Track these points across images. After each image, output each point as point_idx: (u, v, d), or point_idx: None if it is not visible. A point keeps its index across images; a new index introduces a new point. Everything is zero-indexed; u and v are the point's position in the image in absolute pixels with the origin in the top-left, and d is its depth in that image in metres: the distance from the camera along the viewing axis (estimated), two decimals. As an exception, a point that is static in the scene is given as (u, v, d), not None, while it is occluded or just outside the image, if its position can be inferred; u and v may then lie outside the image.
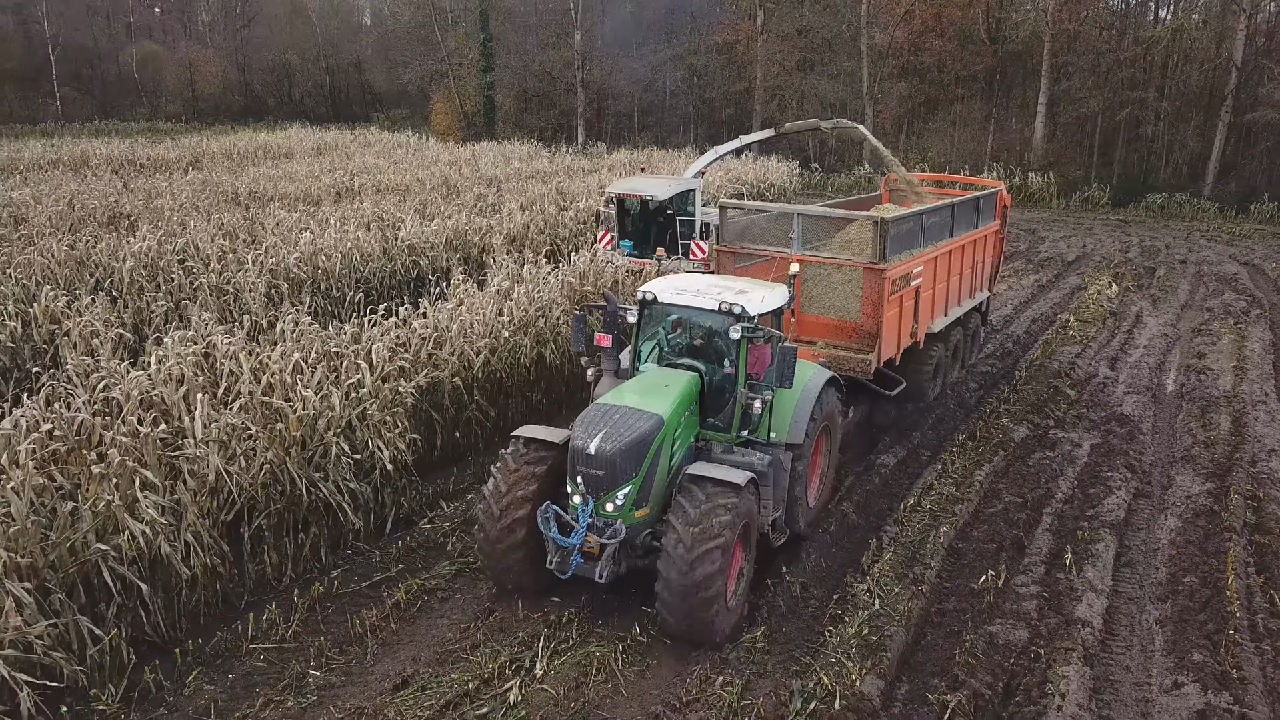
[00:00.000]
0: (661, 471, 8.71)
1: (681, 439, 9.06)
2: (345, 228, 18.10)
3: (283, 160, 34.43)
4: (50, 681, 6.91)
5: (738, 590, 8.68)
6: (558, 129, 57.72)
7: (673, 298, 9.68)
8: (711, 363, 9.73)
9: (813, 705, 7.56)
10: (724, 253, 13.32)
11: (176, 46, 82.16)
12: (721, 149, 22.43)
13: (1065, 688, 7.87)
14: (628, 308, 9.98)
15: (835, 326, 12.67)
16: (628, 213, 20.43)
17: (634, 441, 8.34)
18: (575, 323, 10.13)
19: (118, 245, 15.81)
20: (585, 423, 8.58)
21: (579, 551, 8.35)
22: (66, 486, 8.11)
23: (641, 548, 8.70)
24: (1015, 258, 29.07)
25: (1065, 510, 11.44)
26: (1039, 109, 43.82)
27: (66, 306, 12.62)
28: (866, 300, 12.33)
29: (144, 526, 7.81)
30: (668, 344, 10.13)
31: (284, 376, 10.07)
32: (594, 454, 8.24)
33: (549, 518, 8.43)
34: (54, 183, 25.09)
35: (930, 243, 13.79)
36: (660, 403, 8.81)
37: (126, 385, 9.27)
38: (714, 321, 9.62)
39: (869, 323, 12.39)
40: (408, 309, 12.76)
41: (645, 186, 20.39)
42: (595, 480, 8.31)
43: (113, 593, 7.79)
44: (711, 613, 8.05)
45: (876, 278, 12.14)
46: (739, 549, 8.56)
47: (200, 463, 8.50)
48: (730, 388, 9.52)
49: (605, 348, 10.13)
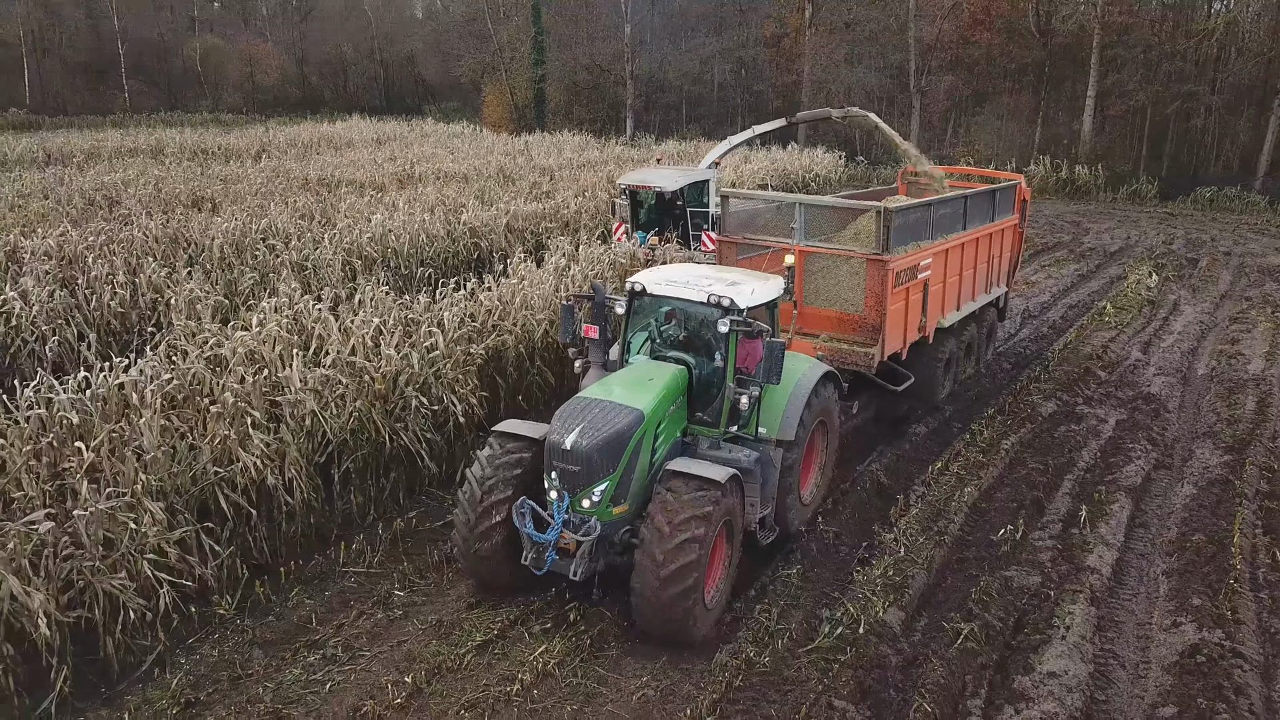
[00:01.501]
0: (641, 468, 8.53)
1: (665, 434, 8.88)
2: (412, 211, 19.31)
3: (345, 149, 36.00)
4: (185, 580, 8.08)
5: (718, 588, 8.54)
6: (607, 121, 58.71)
7: (662, 289, 9.50)
8: (701, 356, 9.53)
9: (840, 630, 8.47)
10: (726, 243, 13.17)
11: (237, 40, 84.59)
12: (735, 139, 22.35)
13: (1070, 622, 8.69)
14: (616, 298, 9.87)
15: (838, 319, 12.44)
16: (641, 204, 20.34)
17: (611, 437, 8.18)
18: (563, 313, 9.93)
19: (206, 225, 17.16)
20: (564, 417, 8.44)
21: (554, 548, 8.20)
22: (184, 428, 9.29)
23: (620, 544, 8.52)
24: (1057, 248, 29.45)
25: (1086, 477, 12.15)
26: (1088, 102, 43.80)
27: (167, 278, 13.92)
28: (870, 293, 12.10)
29: (254, 459, 8.96)
30: (659, 336, 9.90)
31: (366, 339, 11.20)
32: (569, 449, 8.09)
33: (524, 513, 8.27)
34: (138, 169, 26.72)
35: (940, 235, 13.52)
36: (642, 397, 8.63)
37: (232, 343, 10.44)
38: (703, 314, 9.42)
39: (872, 316, 12.17)
40: (474, 283, 13.84)
41: (656, 178, 20.22)
42: (571, 476, 8.16)
43: (227, 517, 8.96)
44: (688, 612, 7.89)
45: (880, 269, 11.91)
46: (719, 547, 8.43)
47: (299, 407, 9.64)
48: (719, 382, 9.30)
49: (593, 339, 9.88)
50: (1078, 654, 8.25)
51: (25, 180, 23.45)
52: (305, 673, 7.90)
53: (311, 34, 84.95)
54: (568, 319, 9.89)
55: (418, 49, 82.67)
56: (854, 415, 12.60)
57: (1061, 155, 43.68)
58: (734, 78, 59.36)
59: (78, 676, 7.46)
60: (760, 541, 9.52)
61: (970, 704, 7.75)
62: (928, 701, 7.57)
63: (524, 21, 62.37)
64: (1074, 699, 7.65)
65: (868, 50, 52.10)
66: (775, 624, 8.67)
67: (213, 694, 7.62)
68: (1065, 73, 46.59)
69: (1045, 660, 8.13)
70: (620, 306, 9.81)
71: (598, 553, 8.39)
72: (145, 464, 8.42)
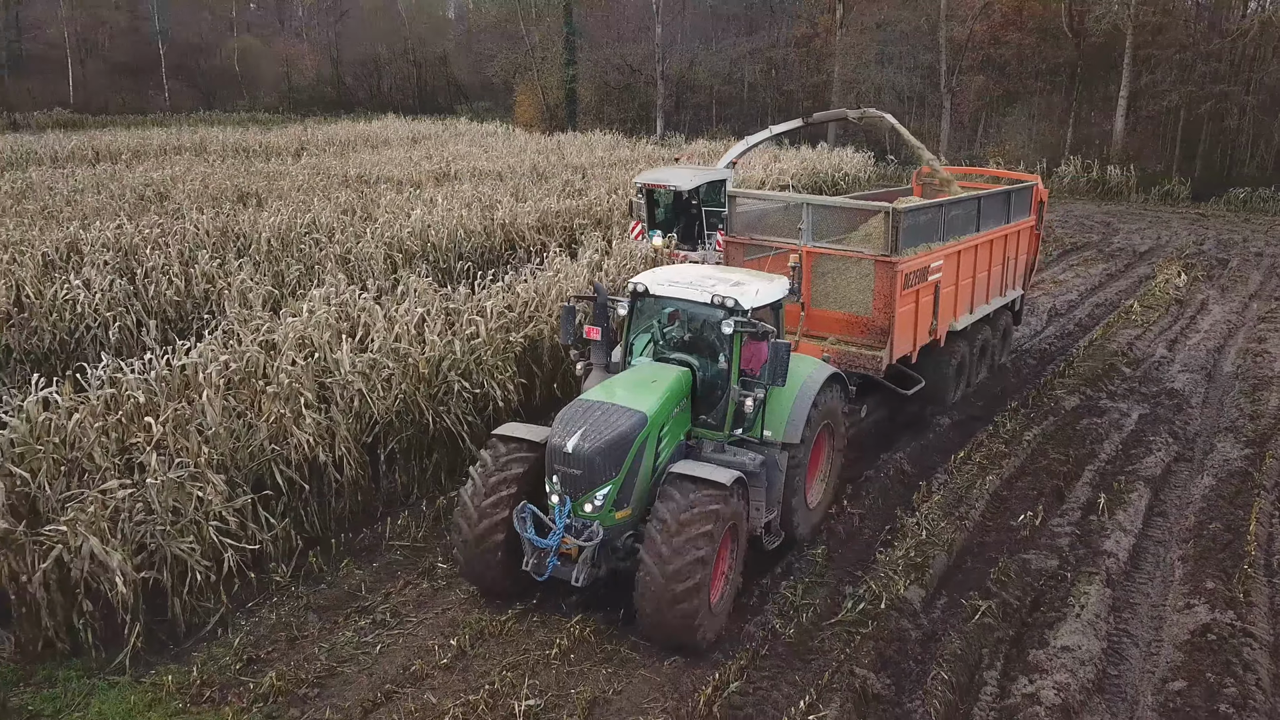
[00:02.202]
0: (645, 471, 8.40)
1: (669, 437, 8.75)
2: (450, 207, 19.90)
3: (381, 148, 36.79)
4: (247, 545, 8.64)
5: (723, 594, 8.39)
6: (637, 120, 59.14)
7: (665, 289, 9.35)
8: (705, 358, 9.39)
9: (862, 605, 8.87)
10: (733, 244, 13.02)
11: (274, 41, 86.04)
12: (752, 139, 22.22)
13: (1086, 602, 9.02)
14: (618, 299, 9.76)
15: (847, 322, 12.29)
16: (658, 203, 20.17)
17: (614, 440, 8.05)
18: (564, 314, 9.79)
19: (253, 219, 17.82)
20: (565, 420, 8.31)
21: (556, 553, 8.07)
22: (241, 407, 9.86)
23: (623, 549, 8.38)
24: (1086, 248, 29.52)
25: (1106, 468, 12.42)
26: (1120, 102, 43.62)
27: (219, 268, 14.56)
28: (878, 294, 11.93)
29: (307, 436, 9.50)
30: (662, 337, 9.78)
31: (410, 327, 11.73)
32: (571, 452, 7.97)
33: (525, 518, 8.17)
34: (184, 166, 27.57)
35: (952, 236, 13.31)
36: (645, 399, 8.49)
37: (284, 329, 11.00)
38: (707, 315, 9.28)
39: (880, 318, 12.02)
40: (511, 275, 14.35)
41: (671, 177, 20.13)
42: (573, 480, 8.03)
43: (282, 491, 9.51)
44: (693, 618, 7.76)
45: (888, 271, 11.75)
46: (724, 551, 8.29)
47: (348, 389, 10.18)
48: (724, 384, 9.14)
49: (594, 340, 9.69)
50: (1091, 631, 8.58)
51: (79, 176, 24.35)
52: (357, 635, 8.42)
53: (346, 35, 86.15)
54: (569, 320, 9.73)
55: (450, 49, 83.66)
56: (862, 419, 12.53)
57: (1093, 156, 43.54)
58: (764, 78, 59.57)
59: (148, 634, 8.02)
60: (765, 546, 9.42)
61: (986, 675, 8.12)
62: (945, 670, 7.95)
63: (556, 22, 62.99)
64: (1086, 671, 7.99)
65: (898, 50, 52.13)
66: (800, 599, 9.09)
67: (271, 652, 8.16)
68: (1097, 73, 46.40)
69: (1060, 636, 8.47)
70: (623, 307, 9.63)
71: (600, 558, 8.24)
72: (207, 439, 8.98)
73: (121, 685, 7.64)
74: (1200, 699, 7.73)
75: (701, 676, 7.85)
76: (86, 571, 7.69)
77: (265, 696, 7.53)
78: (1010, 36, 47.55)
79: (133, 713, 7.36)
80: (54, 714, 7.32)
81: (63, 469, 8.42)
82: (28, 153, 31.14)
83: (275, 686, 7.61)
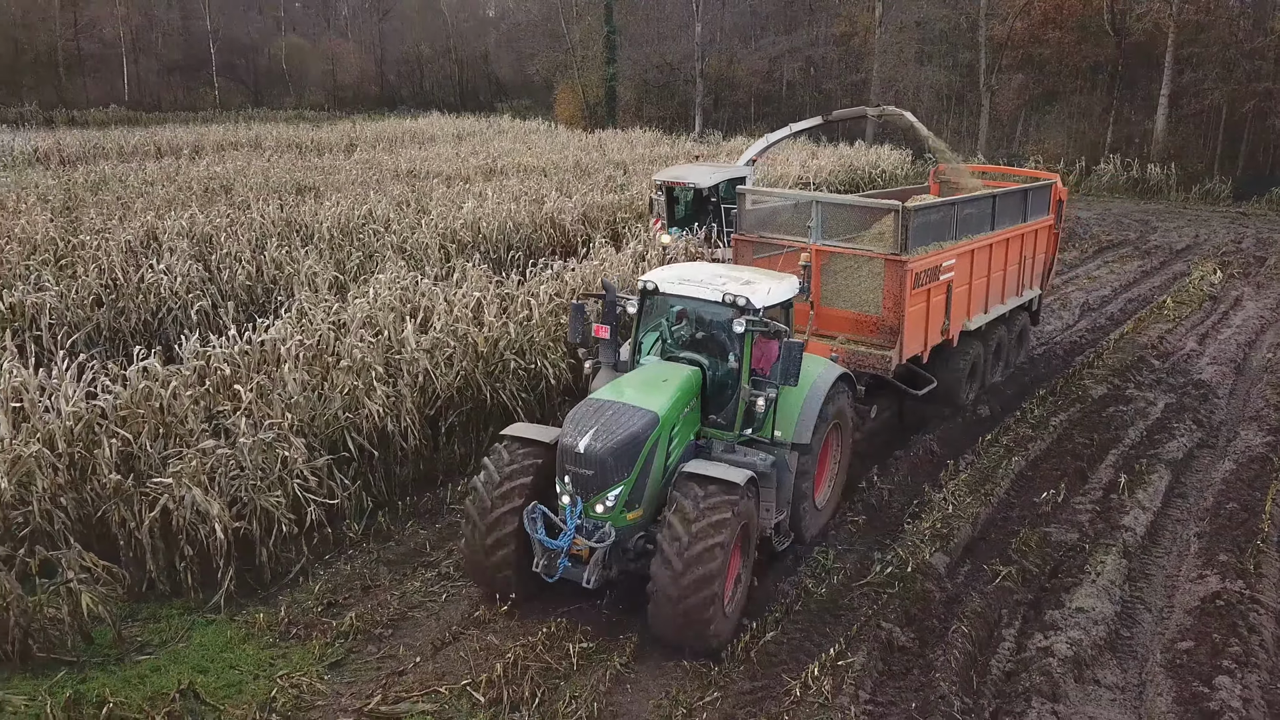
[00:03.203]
0: (656, 472, 8.32)
1: (679, 437, 8.68)
2: (500, 200, 20.79)
3: (428, 144, 37.88)
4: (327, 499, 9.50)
5: (735, 595, 8.32)
6: (676, 118, 59.84)
7: (675, 288, 9.31)
8: (715, 357, 9.33)
9: (890, 569, 9.51)
10: (742, 242, 12.94)
11: (319, 40, 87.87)
12: (773, 136, 22.28)
13: (1102, 570, 9.60)
14: (627, 297, 9.70)
15: (856, 321, 12.24)
16: (677, 200, 20.25)
17: (626, 440, 7.96)
18: (573, 313, 9.68)
19: (314, 210, 18.80)
20: (576, 419, 8.22)
21: (567, 554, 7.99)
22: (314, 380, 10.73)
23: (634, 551, 8.33)
24: (1122, 245, 29.71)
25: (1130, 452, 12.90)
26: (1161, 101, 43.52)
27: (287, 255, 15.52)
28: (888, 294, 11.85)
29: (377, 406, 10.35)
30: (670, 336, 9.71)
31: (468, 310, 12.55)
32: (583, 453, 7.87)
33: (536, 518, 8.10)
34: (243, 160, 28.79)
35: (965, 235, 13.21)
36: (656, 398, 8.40)
37: (352, 309, 11.87)
38: (717, 314, 9.22)
39: (890, 317, 11.93)
40: (560, 264, 15.14)
41: (691, 174, 20.20)
42: (584, 480, 7.95)
43: (353, 457, 10.37)
44: (707, 619, 7.69)
45: (898, 270, 11.66)
46: (737, 552, 8.22)
47: (413, 365, 11.02)
48: (734, 383, 9.09)
49: (603, 339, 9.64)
50: (1106, 596, 9.16)
51: (147, 169, 25.60)
52: (424, 585, 9.24)
53: (389, 33, 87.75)
54: (578, 318, 9.60)
55: (491, 48, 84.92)
56: (872, 420, 12.44)
57: (1133, 154, 43.48)
58: (803, 76, 59.99)
59: (239, 579, 8.89)
60: (776, 548, 9.38)
61: (1005, 632, 8.73)
62: (966, 625, 8.59)
63: (596, 21, 63.87)
64: (1099, 630, 8.58)
65: (938, 49, 52.32)
66: (832, 563, 9.77)
67: (348, 598, 9.01)
68: (1139, 71, 46.28)
69: (1076, 599, 9.06)
70: (632, 306, 9.57)
71: (611, 559, 8.18)
72: (288, 406, 9.85)
73: (218, 622, 8.52)
74: (1205, 656, 8.28)
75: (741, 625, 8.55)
76: (187, 521, 8.58)
77: (345, 634, 8.37)
78: (1050, 35, 47.54)
79: (229, 645, 8.24)
80: (160, 644, 8.21)
81: (160, 431, 9.34)
82: (95, 147, 32.65)
83: (354, 626, 8.45)
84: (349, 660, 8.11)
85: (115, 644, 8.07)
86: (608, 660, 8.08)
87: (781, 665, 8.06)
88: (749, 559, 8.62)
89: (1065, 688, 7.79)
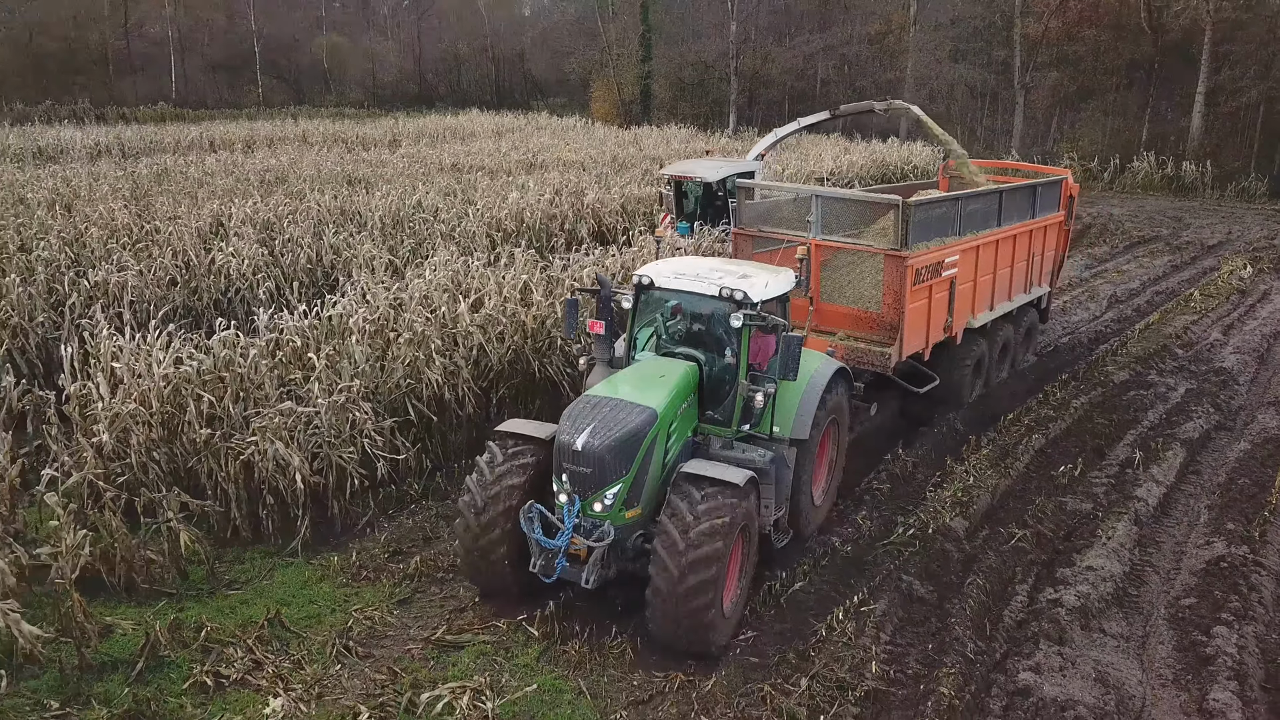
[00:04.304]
0: (655, 469, 8.20)
1: (677, 433, 8.56)
2: (542, 191, 21.66)
3: (469, 140, 38.91)
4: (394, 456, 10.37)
5: (735, 597, 8.24)
6: (710, 116, 60.46)
7: (670, 282, 9.15)
8: (711, 352, 9.19)
9: (912, 531, 10.20)
10: (741, 235, 12.84)
11: (359, 38, 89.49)
12: (780, 131, 22.05)
13: (1113, 534, 10.21)
14: (622, 292, 9.54)
15: (856, 317, 12.15)
16: (686, 195, 20.09)
17: (624, 437, 7.85)
18: (567, 308, 9.63)
19: (366, 200, 19.77)
20: (573, 416, 8.09)
21: (564, 554, 7.86)
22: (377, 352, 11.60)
23: (632, 550, 8.21)
24: (1154, 241, 29.93)
25: (1148, 433, 13.42)
26: (1197, 98, 43.45)
27: (345, 240, 16.46)
28: (888, 289, 11.73)
29: (436, 375, 11.20)
30: (666, 331, 9.54)
31: (515, 291, 13.37)
32: (581, 450, 7.75)
33: (533, 518, 7.98)
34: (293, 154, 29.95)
35: (970, 231, 13.06)
36: (654, 395, 8.28)
37: (411, 288, 12.74)
38: (714, 308, 9.07)
39: (890, 314, 11.82)
40: (601, 251, 15.93)
41: (700, 169, 20.04)
42: (582, 478, 7.83)
43: (414, 422, 11.23)
44: (706, 624, 7.60)
45: (898, 265, 11.55)
46: (737, 552, 8.13)
47: (469, 339, 11.86)
48: (731, 379, 8.98)
49: (598, 335, 9.56)
50: (1115, 558, 9.78)
51: (207, 162, 26.81)
52: (480, 538, 10.05)
53: (428, 32, 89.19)
54: (572, 314, 9.55)
55: (527, 46, 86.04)
56: (871, 417, 12.21)
57: (1168, 152, 43.48)
58: (837, 74, 60.37)
59: (313, 528, 9.77)
60: (775, 545, 9.28)
61: (1018, 587, 9.39)
62: (981, 579, 9.26)
63: (633, 20, 64.67)
64: (1106, 586, 9.21)
65: (972, 46, 52.49)
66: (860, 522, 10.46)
67: (412, 547, 9.86)
68: (1175, 69, 46.20)
69: (1086, 559, 9.70)
70: (627, 300, 9.41)
71: (610, 558, 8.06)
72: (356, 374, 10.73)
73: (296, 564, 9.42)
74: (1206, 610, 8.90)
75: (773, 574, 9.28)
76: (269, 473, 9.48)
77: (411, 576, 9.23)
78: (1086, 32, 47.59)
79: (308, 584, 9.12)
80: (247, 582, 9.11)
81: (240, 395, 10.25)
82: (153, 142, 34.07)
83: (418, 570, 9.30)
84: (415, 598, 8.96)
85: (208, 579, 8.99)
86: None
87: (809, 611, 8.79)
88: (750, 559, 8.49)
89: (1072, 634, 8.44)
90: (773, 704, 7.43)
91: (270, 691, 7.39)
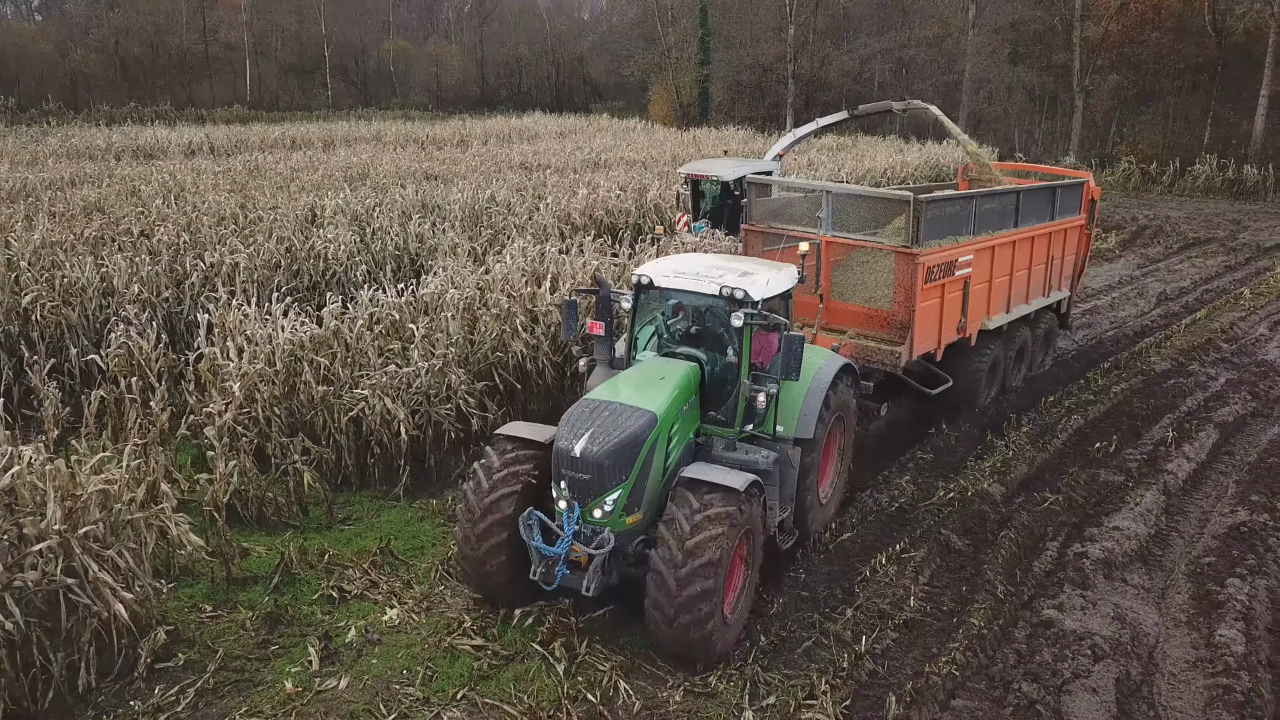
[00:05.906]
0: (656, 473, 8.08)
1: (679, 436, 8.43)
2: (610, 188, 22.93)
3: (534, 140, 40.47)
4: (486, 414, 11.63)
5: (738, 604, 8.11)
6: (768, 118, 61.33)
7: (670, 281, 9.01)
8: (713, 351, 9.04)
9: (951, 494, 11.14)
10: (751, 232, 12.80)
11: (424, 43, 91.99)
12: (799, 131, 22.28)
13: (1142, 501, 11.03)
14: (622, 292, 9.46)
15: (866, 315, 12.04)
16: (703, 194, 20.11)
17: (624, 442, 7.71)
18: (566, 309, 9.55)
19: (444, 194, 21.20)
20: (571, 421, 7.96)
21: (565, 562, 7.72)
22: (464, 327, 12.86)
23: (634, 555, 8.06)
24: (1209, 242, 30.12)
25: (1185, 417, 14.10)
26: (1260, 101, 43.19)
27: (429, 229, 17.85)
28: (899, 287, 11.60)
29: (520, 346, 12.43)
30: (667, 331, 9.43)
31: (587, 276, 14.56)
32: (580, 456, 7.61)
33: (532, 525, 7.83)
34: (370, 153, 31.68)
35: (985, 230, 12.91)
36: (654, 397, 8.15)
37: (495, 270, 14.00)
38: (715, 307, 8.93)
39: (900, 312, 11.70)
40: (663, 241, 17.06)
41: (716, 168, 20.09)
42: (581, 485, 7.69)
43: (499, 389, 12.46)
44: (706, 635, 7.45)
45: (909, 263, 11.43)
46: (738, 560, 8.01)
47: (549, 316, 13.08)
48: (733, 379, 8.85)
49: (598, 336, 9.44)
50: (1142, 521, 10.60)
51: (293, 159, 28.62)
52: (559, 490, 11.22)
53: (490, 37, 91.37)
54: (571, 315, 9.47)
55: (586, 50, 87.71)
56: (880, 417, 12.29)
57: (1230, 155, 43.27)
58: (894, 77, 60.81)
59: (413, 477, 11.05)
60: (780, 546, 9.16)
61: (1049, 544, 10.27)
62: (1014, 534, 10.18)
63: (691, 24, 65.85)
64: (1130, 544, 10.06)
65: (1031, 50, 52.62)
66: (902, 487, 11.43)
67: (500, 497, 11.06)
68: (1238, 72, 45.91)
69: (1114, 520, 10.55)
70: (626, 300, 9.31)
71: (611, 565, 7.93)
72: (451, 344, 12.00)
73: (399, 507, 10.70)
74: (1222, 567, 9.70)
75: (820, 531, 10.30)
76: (376, 426, 10.77)
77: (501, 520, 10.41)
78: (1147, 36, 47.49)
79: (410, 523, 10.38)
80: (359, 519, 10.42)
81: (347, 360, 11.57)
82: (240, 141, 36.19)
83: (507, 515, 10.48)
84: (505, 537, 10.15)
85: (326, 516, 10.30)
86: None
87: (855, 557, 9.80)
88: (753, 564, 8.35)
89: (1096, 581, 9.33)
90: (821, 627, 8.47)
91: (387, 603, 8.65)
